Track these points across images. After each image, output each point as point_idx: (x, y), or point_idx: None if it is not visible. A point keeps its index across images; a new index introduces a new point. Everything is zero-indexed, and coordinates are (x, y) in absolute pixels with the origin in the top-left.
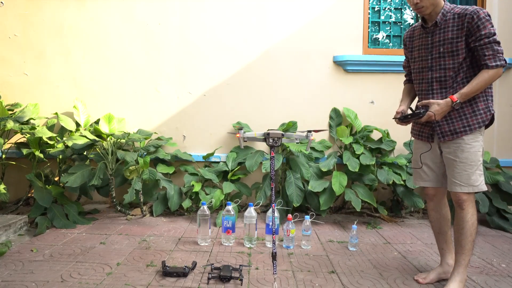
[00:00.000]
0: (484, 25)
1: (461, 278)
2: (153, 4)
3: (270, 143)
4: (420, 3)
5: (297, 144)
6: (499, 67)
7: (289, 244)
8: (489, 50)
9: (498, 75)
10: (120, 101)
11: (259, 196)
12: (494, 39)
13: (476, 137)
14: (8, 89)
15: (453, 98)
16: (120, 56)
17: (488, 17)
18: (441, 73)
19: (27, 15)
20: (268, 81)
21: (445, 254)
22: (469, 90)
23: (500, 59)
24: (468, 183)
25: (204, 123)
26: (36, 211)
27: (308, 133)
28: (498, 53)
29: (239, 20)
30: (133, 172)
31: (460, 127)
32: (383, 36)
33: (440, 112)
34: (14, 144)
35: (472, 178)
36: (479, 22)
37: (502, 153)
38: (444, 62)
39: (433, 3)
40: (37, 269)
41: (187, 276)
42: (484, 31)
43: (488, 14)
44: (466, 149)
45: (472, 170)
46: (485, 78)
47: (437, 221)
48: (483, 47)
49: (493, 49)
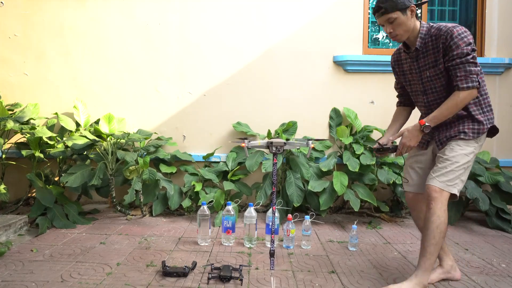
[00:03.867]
0: (456, 44)
1: (418, 281)
2: (153, 4)
3: (273, 151)
4: (394, 32)
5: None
6: (470, 88)
7: (289, 244)
8: (461, 71)
9: (471, 96)
10: (120, 101)
11: (259, 196)
12: (467, 59)
13: (469, 143)
14: (8, 89)
15: (422, 122)
16: (120, 56)
17: (463, 35)
18: (435, 96)
19: (27, 15)
20: (268, 81)
21: (442, 256)
22: (439, 113)
23: (472, 80)
24: (443, 180)
25: (204, 123)
26: (36, 211)
27: (309, 141)
28: (471, 74)
29: (239, 20)
30: (133, 172)
31: (456, 132)
32: (383, 36)
33: (410, 138)
34: (14, 144)
35: (450, 177)
36: (451, 42)
37: (502, 153)
38: (434, 85)
39: (407, 30)
40: (37, 269)
41: (187, 276)
42: (457, 51)
43: (463, 31)
44: (455, 149)
45: (452, 168)
46: (456, 100)
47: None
48: (455, 67)
49: (465, 69)
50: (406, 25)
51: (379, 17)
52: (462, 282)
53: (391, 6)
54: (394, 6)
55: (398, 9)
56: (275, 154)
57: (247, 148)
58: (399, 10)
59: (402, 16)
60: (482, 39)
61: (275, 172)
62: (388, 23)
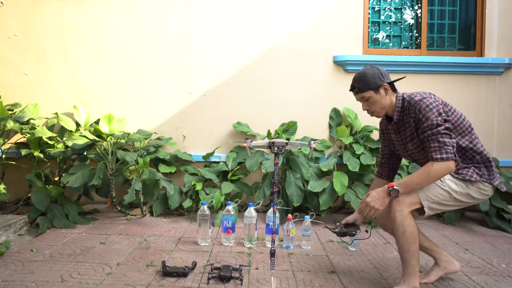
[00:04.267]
0: (425, 117)
1: (407, 286)
2: (153, 4)
3: (275, 151)
4: (370, 109)
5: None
6: (444, 160)
7: (289, 244)
8: (434, 142)
9: (447, 169)
10: (120, 101)
11: (258, 196)
12: (439, 130)
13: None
14: (8, 89)
15: (390, 184)
16: (120, 56)
17: (431, 106)
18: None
19: (27, 15)
20: (268, 81)
21: (434, 256)
22: (409, 180)
23: (446, 151)
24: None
25: (204, 123)
26: (36, 211)
27: (311, 141)
28: (445, 145)
29: (239, 20)
30: (133, 172)
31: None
32: (383, 36)
33: (376, 199)
34: (14, 144)
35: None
36: (420, 115)
37: (502, 153)
38: (419, 156)
39: (382, 107)
40: (37, 269)
41: (187, 276)
42: (427, 123)
43: (431, 102)
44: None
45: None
46: (428, 171)
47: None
48: (428, 139)
49: (438, 140)
50: (381, 102)
51: (354, 95)
52: (462, 282)
53: (363, 86)
54: (366, 86)
55: (370, 88)
56: (276, 154)
57: (249, 148)
58: (371, 90)
59: (375, 95)
60: (482, 39)
61: (276, 172)
62: (363, 100)
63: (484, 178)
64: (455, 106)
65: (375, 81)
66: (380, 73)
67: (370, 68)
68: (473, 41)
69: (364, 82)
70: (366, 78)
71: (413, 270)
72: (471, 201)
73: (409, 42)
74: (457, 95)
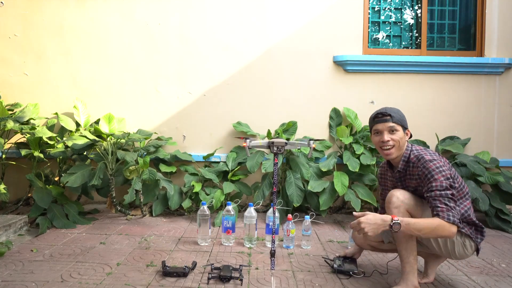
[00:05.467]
0: (434, 177)
1: (406, 284)
2: (153, 4)
3: (274, 151)
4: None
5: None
6: (451, 222)
7: (289, 244)
8: (441, 203)
9: (449, 232)
10: (120, 101)
11: (257, 196)
12: (446, 193)
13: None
14: (8, 89)
15: (394, 216)
16: (120, 56)
17: (441, 168)
18: None
19: (27, 15)
20: (268, 81)
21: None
22: (413, 222)
23: (453, 215)
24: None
25: (204, 123)
26: (36, 211)
27: (310, 141)
28: (452, 209)
29: (239, 20)
30: (133, 172)
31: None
32: (383, 36)
33: (371, 224)
34: (14, 144)
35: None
36: (429, 174)
37: (502, 153)
38: None
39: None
40: (37, 269)
41: (187, 276)
42: (435, 183)
43: (441, 165)
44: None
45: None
46: (435, 223)
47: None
48: (435, 198)
49: (446, 203)
50: (402, 142)
51: (382, 122)
52: (462, 282)
53: (399, 119)
54: (401, 120)
55: (402, 125)
56: (276, 154)
57: (248, 148)
58: (402, 126)
59: (402, 132)
60: (482, 39)
61: (276, 172)
62: (389, 131)
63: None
64: (455, 106)
65: (405, 121)
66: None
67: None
68: (473, 41)
69: (400, 116)
70: (401, 113)
71: (411, 268)
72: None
73: (409, 42)
74: (457, 95)
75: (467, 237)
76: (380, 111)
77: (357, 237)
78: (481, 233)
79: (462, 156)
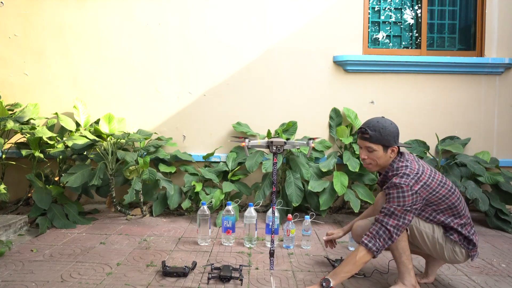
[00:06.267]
0: (389, 199)
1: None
2: (153, 4)
3: (273, 150)
4: (367, 160)
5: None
6: (367, 248)
7: (289, 244)
8: (374, 229)
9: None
10: (120, 101)
11: (258, 196)
12: (387, 222)
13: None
14: (8, 89)
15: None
16: (120, 56)
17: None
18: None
19: (27, 15)
20: (268, 81)
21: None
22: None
23: (375, 245)
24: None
25: (204, 123)
26: (36, 211)
27: (309, 140)
28: (379, 239)
29: (239, 20)
30: (133, 172)
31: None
32: (383, 36)
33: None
34: (14, 144)
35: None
36: (390, 195)
37: (502, 153)
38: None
39: (378, 165)
40: (37, 269)
41: (187, 276)
42: (387, 205)
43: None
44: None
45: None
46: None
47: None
48: (375, 222)
49: (377, 230)
50: (382, 160)
51: (360, 139)
52: (462, 282)
53: (377, 138)
54: (379, 139)
55: (381, 144)
56: (275, 153)
57: (248, 148)
58: (382, 145)
59: (381, 151)
60: (482, 39)
61: (275, 171)
62: (366, 149)
63: (461, 242)
64: (455, 106)
65: (389, 139)
66: (397, 133)
67: (391, 125)
68: (473, 41)
69: (380, 134)
70: (384, 132)
71: (405, 267)
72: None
73: (409, 42)
74: (457, 95)
75: (456, 244)
76: (362, 126)
77: (356, 235)
78: (473, 244)
79: (462, 156)
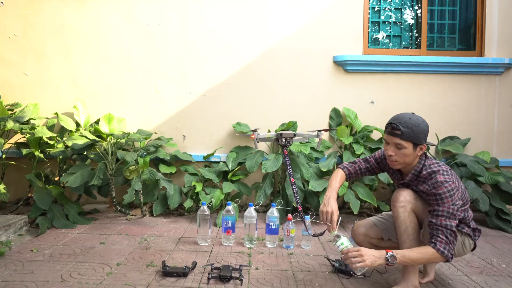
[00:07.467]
0: (443, 201)
1: (407, 284)
2: (153, 4)
3: (283, 142)
4: (394, 157)
5: (298, 144)
6: (444, 256)
7: (289, 244)
8: (443, 235)
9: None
10: (120, 101)
11: (259, 196)
12: (451, 225)
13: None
14: (8, 89)
15: (389, 250)
16: (120, 56)
17: (452, 192)
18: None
19: (27, 15)
20: (268, 81)
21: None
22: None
23: (449, 251)
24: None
25: (204, 123)
26: (36, 211)
27: (319, 132)
28: (451, 244)
29: (239, 20)
30: (133, 172)
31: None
32: (383, 36)
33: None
34: (14, 144)
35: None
36: (438, 196)
37: (502, 153)
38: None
39: (405, 163)
40: (37, 269)
41: (187, 276)
42: (443, 207)
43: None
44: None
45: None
46: (428, 253)
47: None
48: (438, 228)
49: (447, 237)
50: (408, 158)
51: (390, 135)
52: (462, 282)
53: (409, 135)
54: (411, 137)
55: (412, 141)
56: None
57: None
58: (412, 143)
59: (411, 149)
60: (482, 39)
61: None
62: (394, 146)
63: (471, 235)
64: (455, 106)
65: (421, 137)
66: (428, 132)
67: (423, 122)
68: (473, 41)
69: (412, 132)
70: (417, 130)
71: (413, 267)
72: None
73: (409, 42)
74: (457, 95)
75: (467, 236)
76: (393, 122)
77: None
78: (479, 231)
79: (462, 156)
